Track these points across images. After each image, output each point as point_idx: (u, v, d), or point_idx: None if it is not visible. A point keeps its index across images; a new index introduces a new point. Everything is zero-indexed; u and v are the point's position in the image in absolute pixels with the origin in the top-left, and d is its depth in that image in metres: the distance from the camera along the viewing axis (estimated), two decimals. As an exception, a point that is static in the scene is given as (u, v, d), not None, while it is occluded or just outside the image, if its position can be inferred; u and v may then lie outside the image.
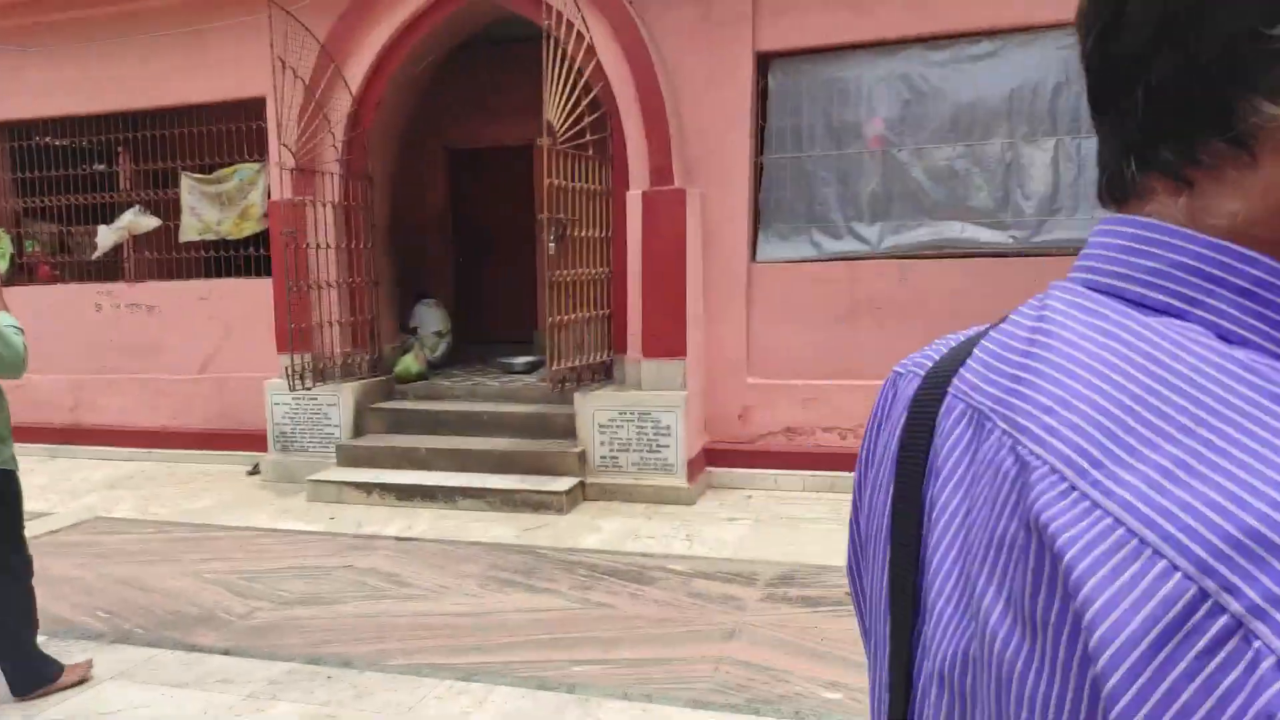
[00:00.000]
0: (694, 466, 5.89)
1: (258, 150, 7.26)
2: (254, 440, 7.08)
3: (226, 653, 3.69)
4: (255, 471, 6.92)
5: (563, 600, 4.18)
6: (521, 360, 7.58)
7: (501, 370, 7.60)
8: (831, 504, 5.63)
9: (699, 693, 3.22)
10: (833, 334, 6.08)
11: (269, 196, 7.15)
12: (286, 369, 6.33)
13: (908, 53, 5.90)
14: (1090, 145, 5.49)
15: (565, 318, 5.81)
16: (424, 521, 5.52)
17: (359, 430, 6.71)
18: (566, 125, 5.67)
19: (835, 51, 6.02)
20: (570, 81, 5.64)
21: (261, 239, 7.27)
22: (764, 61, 6.15)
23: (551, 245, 5.63)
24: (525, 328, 8.62)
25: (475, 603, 4.19)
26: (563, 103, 5.61)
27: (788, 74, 6.14)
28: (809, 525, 5.23)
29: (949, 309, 5.85)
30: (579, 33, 5.66)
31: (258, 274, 7.27)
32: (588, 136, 5.91)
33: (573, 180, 5.81)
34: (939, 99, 5.87)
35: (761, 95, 6.18)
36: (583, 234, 5.95)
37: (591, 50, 5.76)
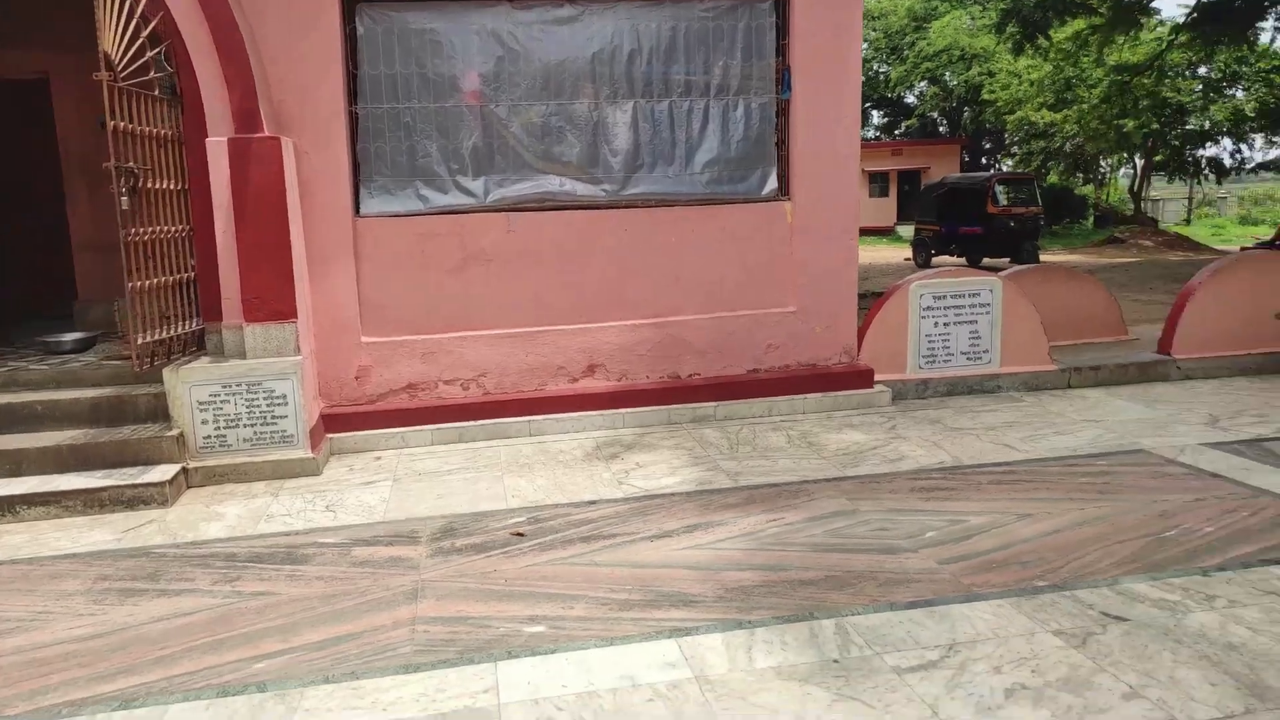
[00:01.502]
0: (316, 435, 5.58)
1: None
2: None
3: None
4: None
5: (210, 598, 3.77)
6: (71, 338, 6.41)
7: (45, 351, 6.36)
8: (465, 454, 5.74)
9: (405, 657, 3.18)
10: (446, 287, 6.11)
11: None
12: None
13: (496, 10, 6.03)
14: (664, 107, 6.19)
15: (147, 283, 5.07)
16: (-17, 543, 4.51)
17: None
18: (125, 58, 4.88)
19: (427, 2, 5.93)
20: (125, 6, 4.85)
21: None
22: (351, 6, 5.85)
23: (124, 200, 4.84)
24: (65, 299, 7.26)
25: (98, 621, 3.59)
26: (119, 32, 4.81)
27: (376, 21, 5.92)
28: (450, 477, 5.29)
29: (554, 256, 6.22)
30: (134, -49, 4.86)
31: None
32: (153, 74, 5.14)
33: (140, 123, 5.03)
34: (530, 58, 6.12)
35: (353, 41, 5.88)
36: (155, 186, 5.20)
37: (150, -27, 4.98)
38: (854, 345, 6.67)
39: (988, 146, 37.16)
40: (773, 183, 6.51)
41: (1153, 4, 16.76)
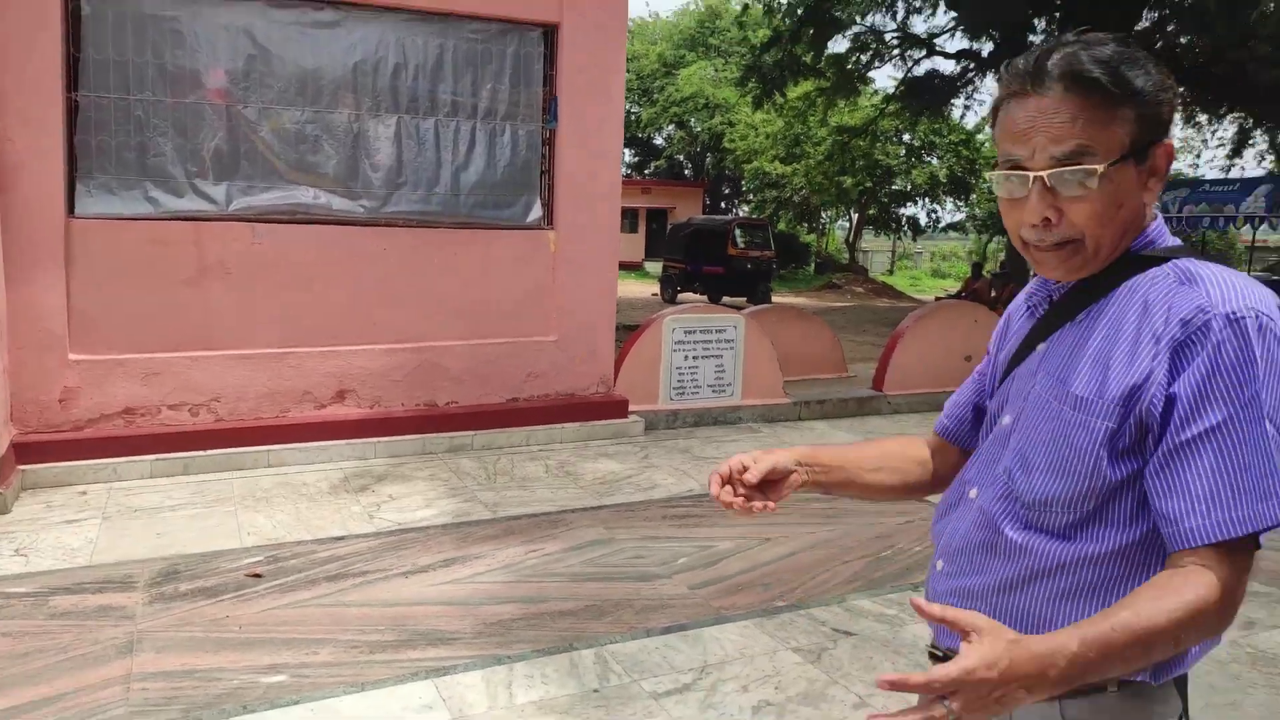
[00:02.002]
0: (4, 467, 4.82)
1: None
2: None
3: None
4: None
5: None
6: None
7: None
8: (192, 487, 5.21)
9: (118, 719, 2.81)
10: (178, 300, 5.55)
11: None
12: None
13: (248, 5, 5.63)
14: (429, 125, 6.05)
15: None
16: None
17: None
18: None
19: (164, -14, 5.42)
20: None
21: None
22: (73, -21, 5.21)
23: None
24: None
25: None
26: None
27: (105, 0, 5.31)
28: (173, 513, 4.78)
29: (304, 273, 5.85)
30: None
31: None
32: None
33: None
34: (285, 60, 5.75)
35: (74, 19, 5.23)
36: None
37: None
38: (610, 376, 6.84)
39: (727, 191, 39.82)
40: (537, 211, 6.56)
41: (870, 74, 18.83)
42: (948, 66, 19.15)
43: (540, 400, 6.60)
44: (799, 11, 14.18)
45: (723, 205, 39.62)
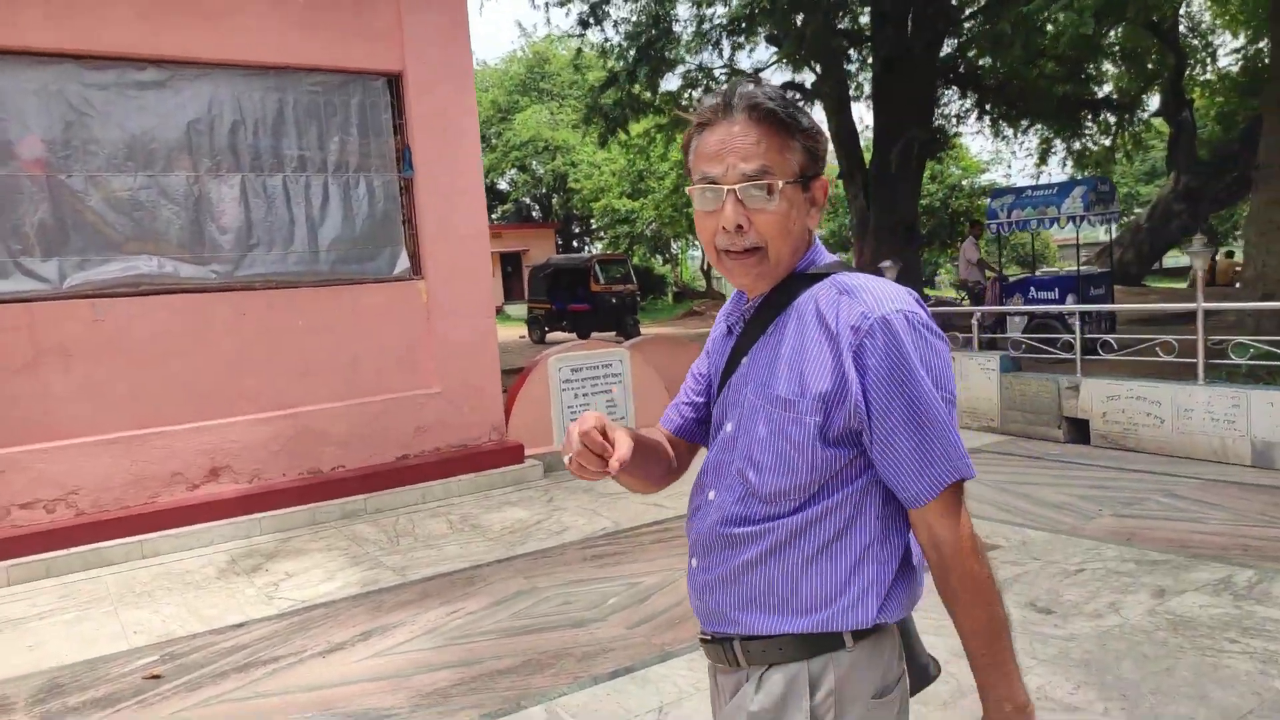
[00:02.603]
0: None
1: None
2: None
3: None
4: None
5: None
6: None
7: None
8: (58, 591, 4.67)
9: None
10: (14, 390, 5.00)
11: None
12: None
13: (60, 68, 5.19)
14: (277, 183, 5.77)
15: None
16: None
17: None
18: None
19: (-35, 51, 4.93)
20: None
21: None
22: None
23: None
24: None
25: None
26: None
27: (-103, 68, 4.79)
28: (42, 622, 4.25)
29: (158, 347, 5.41)
30: None
31: None
32: None
33: None
34: (109, 124, 5.34)
35: None
36: None
37: None
38: (502, 422, 6.66)
39: (577, 230, 40.08)
40: (404, 261, 6.33)
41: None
42: (776, 95, 19.97)
43: (432, 455, 6.33)
44: (631, 53, 14.49)
45: (574, 244, 39.83)
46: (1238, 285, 24.77)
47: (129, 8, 5.24)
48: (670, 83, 18.54)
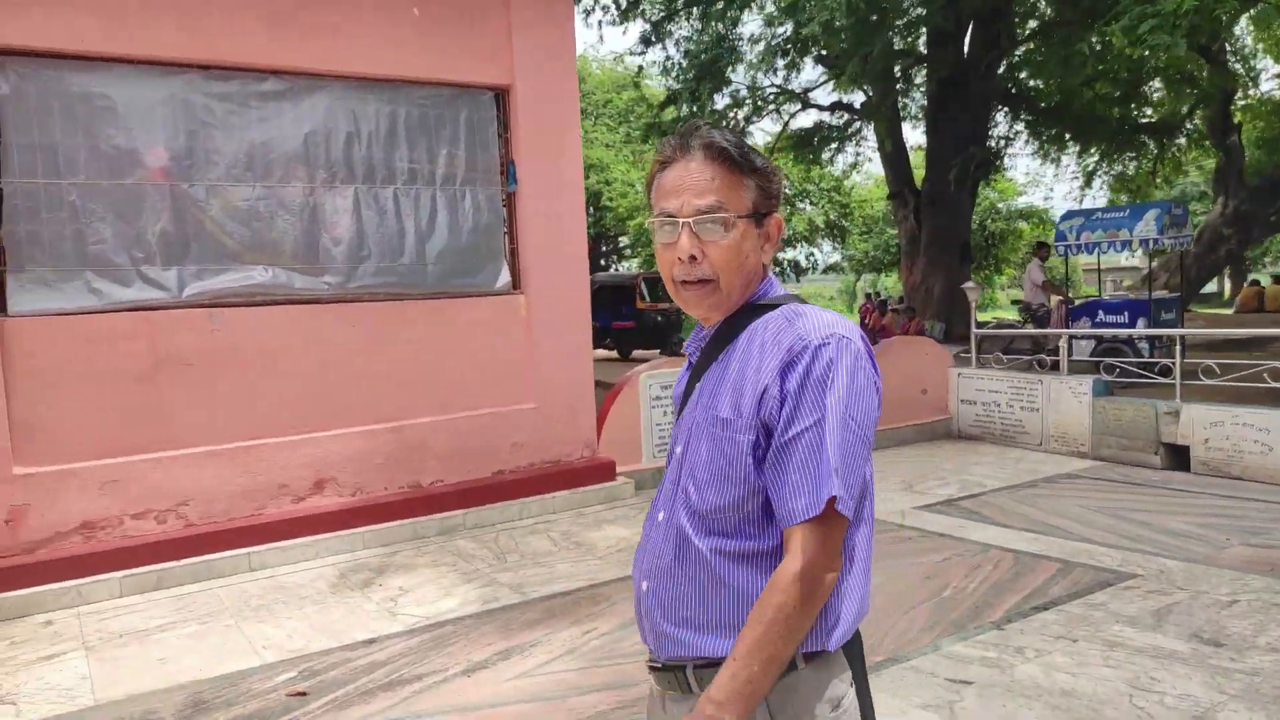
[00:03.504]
0: (-49, 605, 4.16)
1: None
2: None
3: None
4: None
5: None
6: None
7: None
8: (172, 603, 4.64)
9: None
10: (133, 399, 5.00)
11: None
12: None
13: (185, 78, 5.23)
14: (388, 195, 5.77)
15: None
16: None
17: None
18: None
19: (92, 62, 4.96)
20: None
21: None
22: (-6, 57, 4.71)
23: None
24: None
25: None
26: None
27: (26, 79, 4.82)
28: (165, 635, 4.22)
29: (270, 358, 5.40)
30: None
31: None
32: None
33: None
34: (230, 134, 5.36)
35: (-4, 99, 4.72)
36: None
37: None
38: (594, 439, 6.60)
39: (605, 249, 40.07)
40: (505, 276, 6.31)
41: (749, 128, 19.41)
42: (823, 117, 20.03)
43: (526, 471, 6.28)
44: (691, 73, 14.52)
45: (602, 263, 39.83)
46: (1295, 312, 24.36)
47: (256, 19, 5.27)
48: (717, 102, 18.60)
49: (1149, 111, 19.73)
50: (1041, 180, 48.11)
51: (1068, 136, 18.38)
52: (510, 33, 6.12)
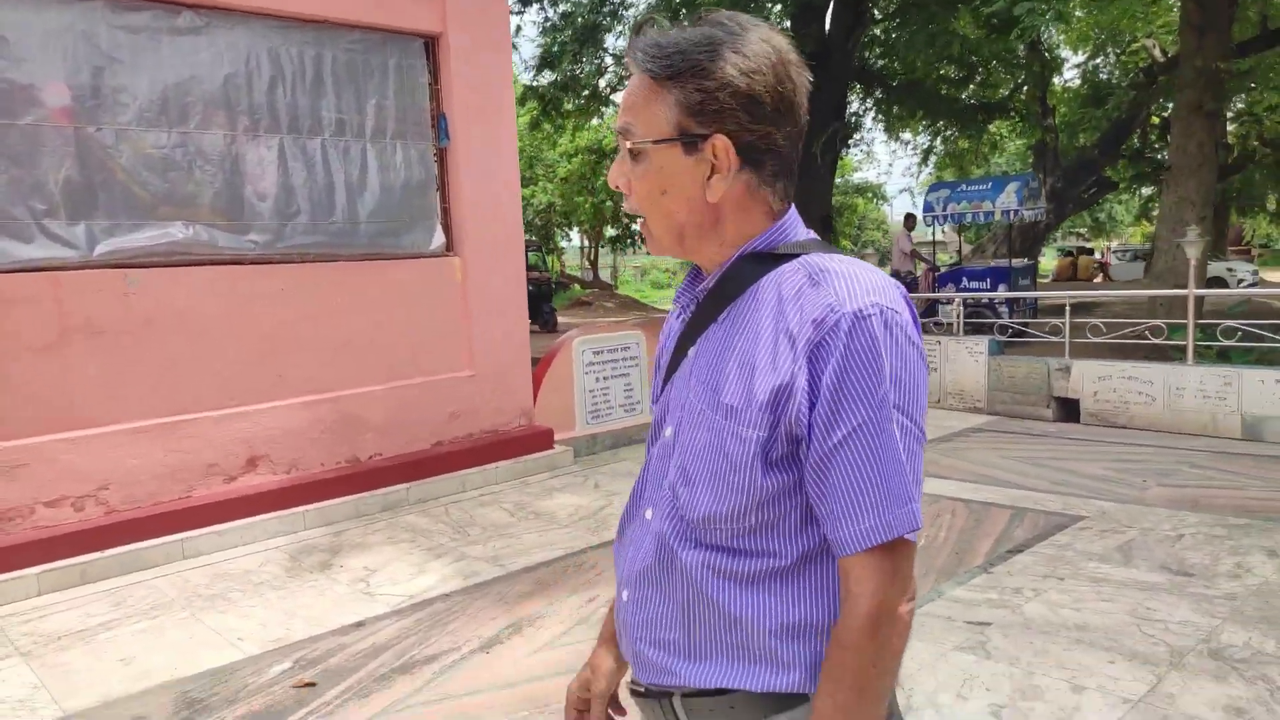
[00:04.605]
0: None
1: None
2: None
3: None
4: None
5: None
6: None
7: None
8: (107, 599, 4.14)
9: None
10: (38, 371, 4.40)
11: None
12: None
13: (89, 7, 4.60)
14: (316, 146, 5.34)
15: None
16: None
17: None
18: None
19: (-22, -20, 4.28)
20: None
21: None
22: None
23: None
24: None
25: None
26: None
27: (-104, -5, 4.10)
28: (113, 633, 3.75)
29: (193, 324, 4.89)
30: None
31: None
32: None
33: None
34: (139, 72, 4.77)
35: None
36: None
37: None
38: (530, 406, 6.40)
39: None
40: (439, 237, 5.98)
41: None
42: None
43: (465, 441, 6.01)
44: (568, 33, 14.24)
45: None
46: (1096, 280, 26.93)
47: (170, -56, 4.70)
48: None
49: (983, 93, 21.14)
50: (875, 159, 50.81)
51: (920, 114, 19.37)
52: (444, -24, 5.76)
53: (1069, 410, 7.50)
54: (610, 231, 33.22)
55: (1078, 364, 7.42)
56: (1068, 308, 7.73)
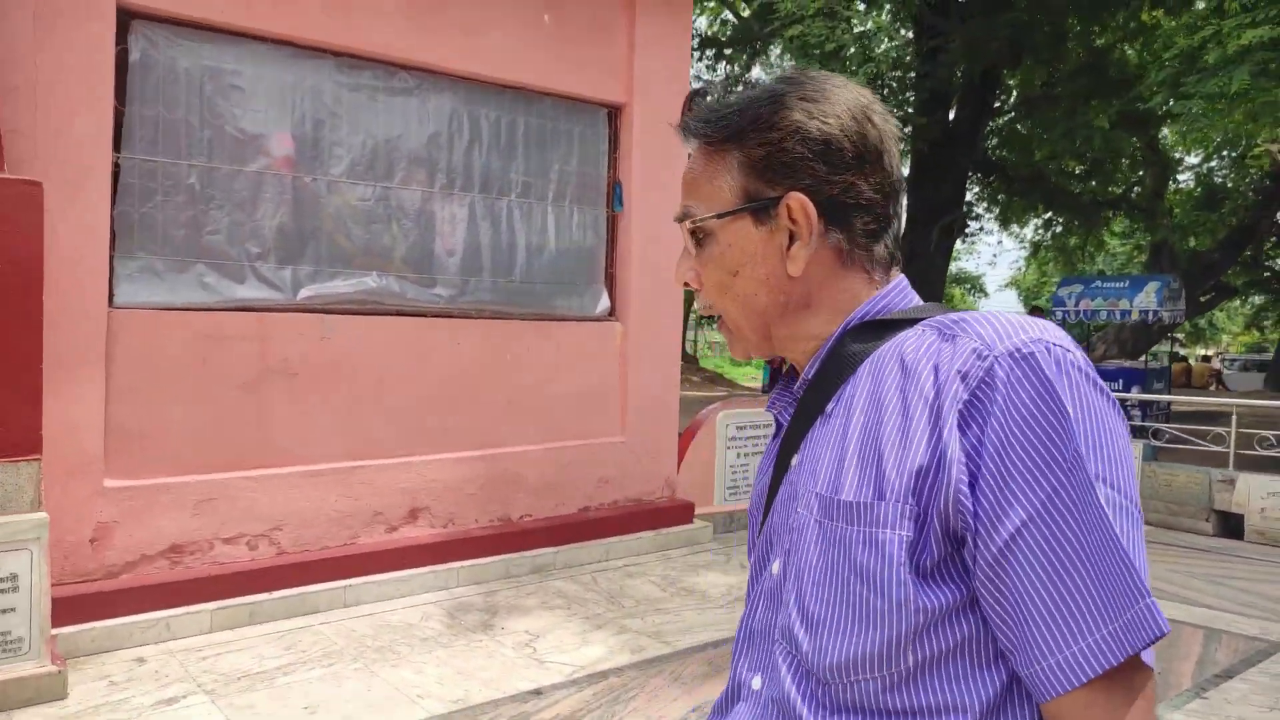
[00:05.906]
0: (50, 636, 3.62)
1: None
2: None
3: None
4: None
5: None
6: None
7: None
8: (275, 641, 4.15)
9: None
10: (235, 409, 4.53)
11: None
12: None
13: (319, 62, 4.84)
14: (503, 207, 5.46)
15: None
16: None
17: None
18: None
19: (227, 35, 4.55)
20: None
21: None
22: (126, 18, 4.25)
23: None
24: None
25: None
26: None
27: (156, 44, 4.37)
28: (290, 678, 3.75)
29: (374, 374, 4.99)
30: None
31: None
32: None
33: None
34: (356, 128, 4.98)
35: (121, 67, 4.25)
36: None
37: None
38: (675, 477, 6.33)
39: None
40: (605, 301, 6.03)
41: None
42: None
43: (610, 508, 5.96)
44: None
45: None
46: (1211, 388, 25.75)
47: (397, 7, 4.93)
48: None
49: (1102, 189, 20.76)
50: (975, 249, 50.24)
51: (1040, 206, 19.09)
52: (632, 49, 5.92)
53: (1230, 526, 7.07)
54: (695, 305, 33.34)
55: (1244, 476, 7.01)
56: (1234, 415, 7.35)
